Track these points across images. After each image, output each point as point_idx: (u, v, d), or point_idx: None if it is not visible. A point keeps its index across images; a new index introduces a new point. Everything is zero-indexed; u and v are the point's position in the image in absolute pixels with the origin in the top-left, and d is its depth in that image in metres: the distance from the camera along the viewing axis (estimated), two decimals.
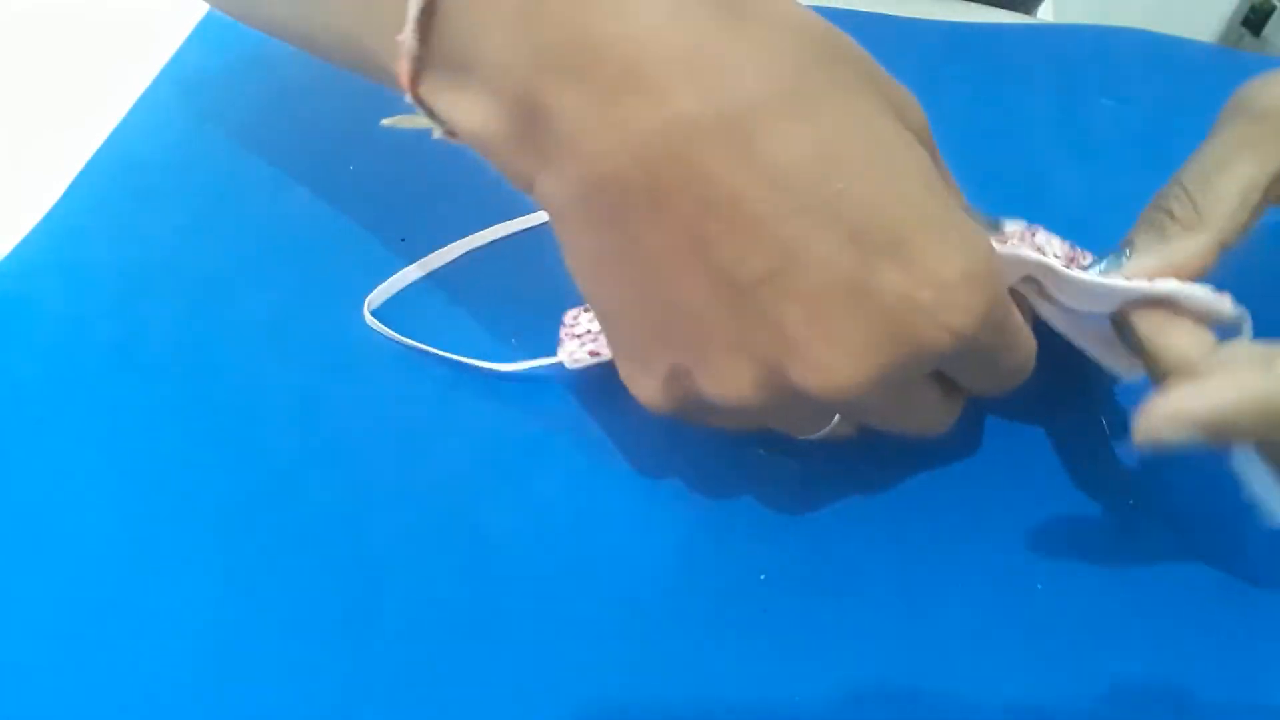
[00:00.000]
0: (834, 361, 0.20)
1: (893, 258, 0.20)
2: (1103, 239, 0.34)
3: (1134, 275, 0.24)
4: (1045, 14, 0.70)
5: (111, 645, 0.24)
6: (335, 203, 0.36)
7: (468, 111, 0.23)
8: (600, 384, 0.30)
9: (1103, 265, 0.25)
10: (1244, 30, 1.21)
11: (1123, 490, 0.28)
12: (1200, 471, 0.28)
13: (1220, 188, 0.24)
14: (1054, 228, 0.30)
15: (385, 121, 0.25)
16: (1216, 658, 0.25)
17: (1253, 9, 1.18)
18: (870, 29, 0.47)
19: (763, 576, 0.26)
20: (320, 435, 0.29)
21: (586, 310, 0.29)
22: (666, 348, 0.23)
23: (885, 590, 0.26)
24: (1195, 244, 0.24)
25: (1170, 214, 0.25)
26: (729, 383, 0.22)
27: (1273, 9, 1.17)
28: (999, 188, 0.34)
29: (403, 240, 0.35)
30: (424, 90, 0.23)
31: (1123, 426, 0.29)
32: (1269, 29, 1.19)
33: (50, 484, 0.27)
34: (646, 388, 0.24)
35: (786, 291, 0.20)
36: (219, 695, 0.23)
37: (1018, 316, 0.23)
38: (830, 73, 0.20)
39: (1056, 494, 0.28)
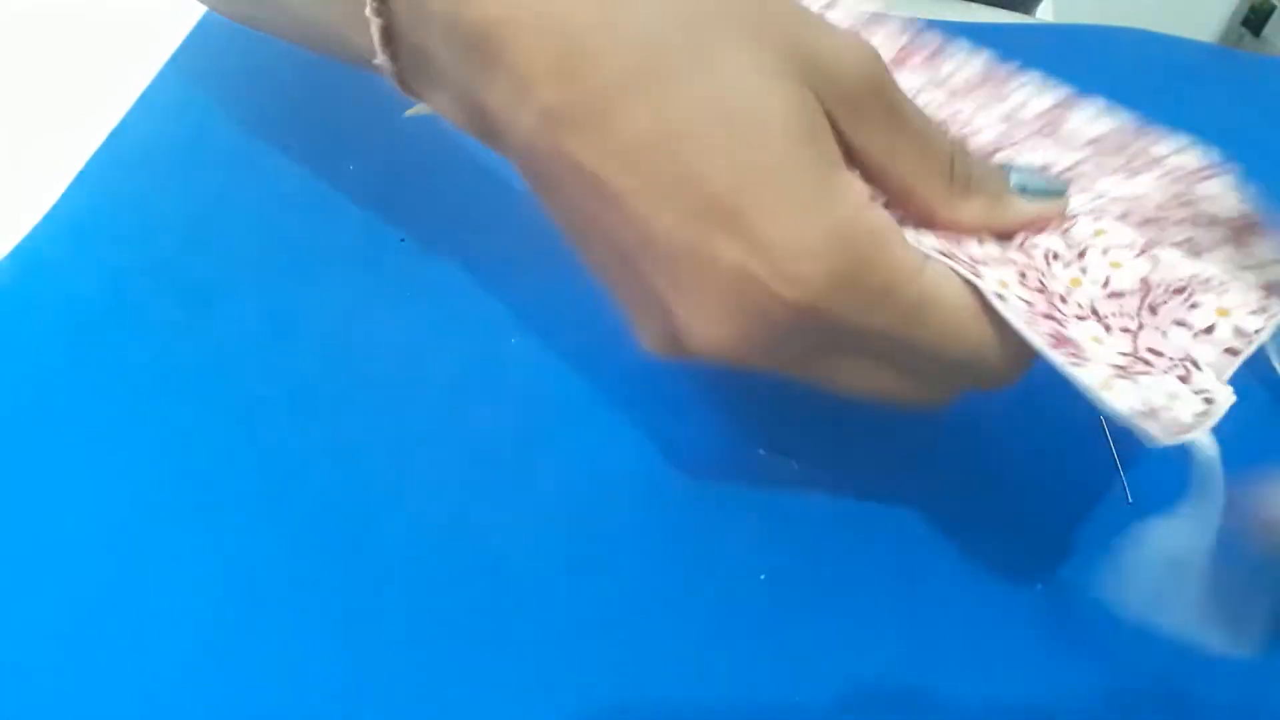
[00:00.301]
0: (698, 327, 0.22)
1: (733, 230, 0.20)
2: None
3: None
4: (1045, 14, 0.70)
5: (110, 644, 0.24)
6: (335, 202, 0.36)
7: (444, 109, 0.25)
8: (601, 382, 0.31)
9: None
10: (1244, 30, 1.21)
11: (1122, 490, 0.28)
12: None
13: None
14: None
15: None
16: (1216, 658, 0.25)
17: (1253, 9, 1.18)
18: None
19: (763, 576, 0.26)
20: (320, 434, 0.29)
21: None
22: (614, 302, 0.25)
23: (885, 590, 0.26)
24: None
25: None
26: (647, 340, 0.24)
27: (1273, 9, 1.17)
28: None
29: (402, 240, 0.35)
30: (414, 90, 0.25)
31: (1123, 427, 0.29)
32: (1269, 29, 1.19)
33: (50, 483, 0.27)
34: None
35: (652, 263, 0.22)
36: (218, 694, 0.23)
37: (926, 294, 0.21)
38: (696, 40, 0.21)
39: (1056, 494, 0.28)
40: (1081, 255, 0.23)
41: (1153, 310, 0.22)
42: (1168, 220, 0.23)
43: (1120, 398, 0.20)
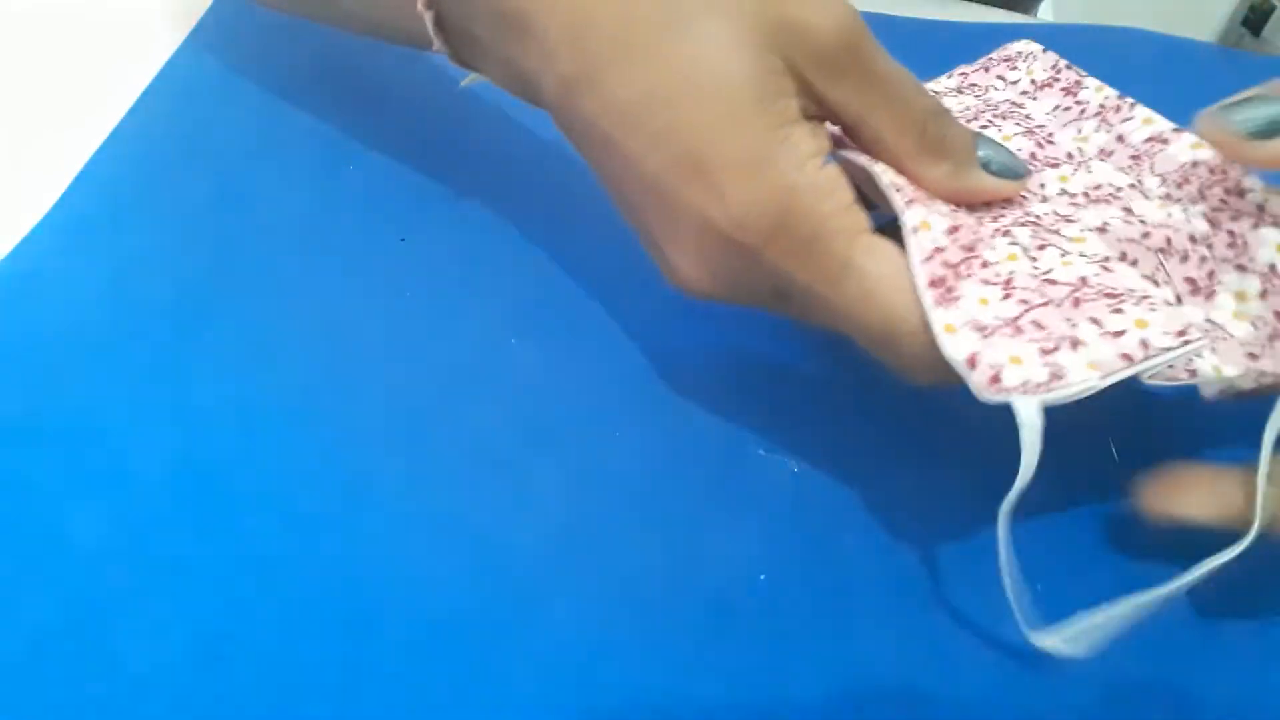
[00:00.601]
0: (680, 266, 0.25)
1: (699, 180, 0.23)
2: None
3: None
4: (1045, 14, 0.70)
5: (110, 643, 0.24)
6: (335, 202, 0.36)
7: (492, 78, 0.29)
8: (600, 382, 0.31)
9: (1260, 106, 0.23)
10: (1244, 30, 1.21)
11: (1122, 490, 0.28)
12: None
13: None
14: None
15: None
16: (1216, 658, 0.25)
17: (1252, 9, 1.18)
18: (870, 29, 0.48)
19: (762, 577, 0.26)
20: (319, 434, 0.29)
21: None
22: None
23: (885, 590, 0.26)
24: None
25: None
26: (664, 277, 0.27)
27: (1273, 9, 1.17)
28: None
29: (402, 240, 0.35)
30: (466, 64, 0.30)
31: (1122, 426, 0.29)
32: (1269, 29, 1.19)
33: (50, 483, 0.27)
34: None
35: (649, 208, 0.25)
36: (216, 694, 0.23)
37: (853, 258, 0.23)
38: (677, 11, 0.24)
39: (1056, 494, 0.28)
40: (1042, 248, 0.24)
41: (1076, 304, 0.23)
42: (1170, 252, 0.24)
43: (953, 343, 0.22)
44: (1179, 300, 0.23)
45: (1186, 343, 0.21)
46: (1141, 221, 0.25)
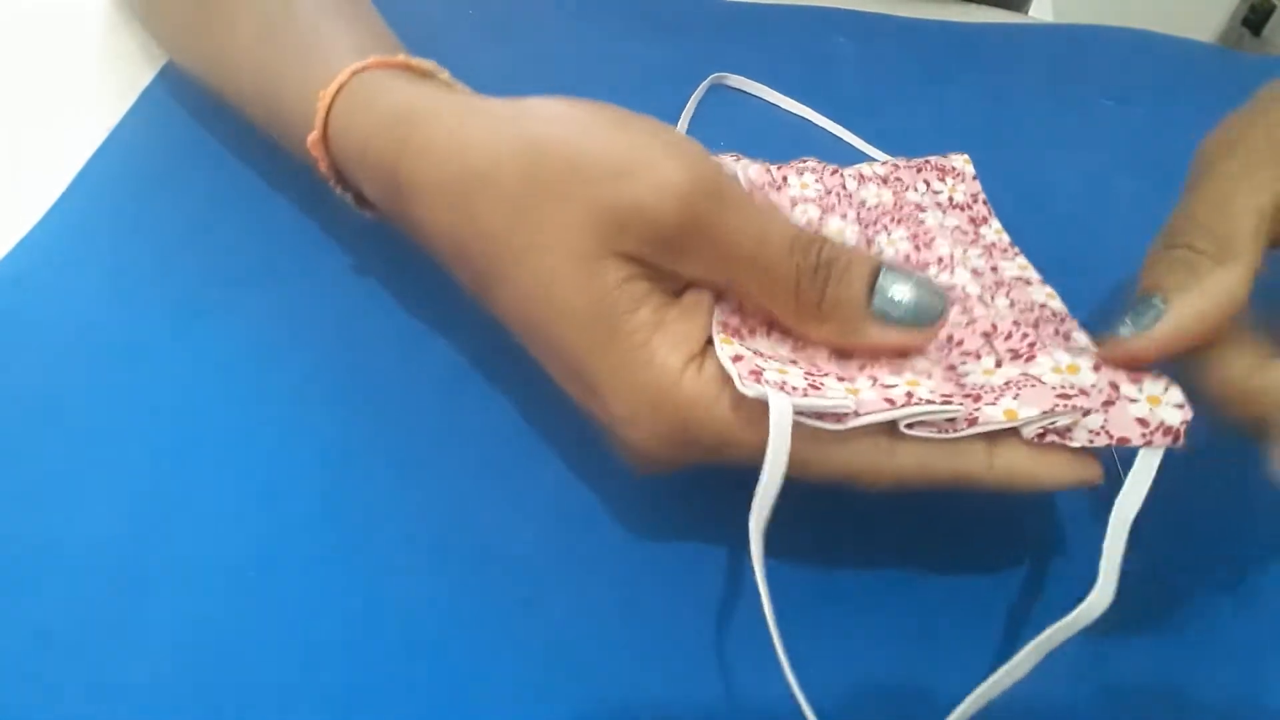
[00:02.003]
0: (622, 451, 0.24)
1: (591, 397, 0.24)
2: (1101, 238, 0.34)
3: (1184, 324, 0.23)
4: (1044, 14, 0.70)
5: (113, 642, 0.24)
6: (334, 201, 0.36)
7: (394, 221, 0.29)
8: None
9: (1134, 320, 0.24)
10: (1244, 30, 1.21)
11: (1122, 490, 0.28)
12: (1200, 471, 0.28)
13: (1237, 212, 0.24)
14: (1054, 227, 0.30)
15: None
16: (1217, 658, 0.25)
17: (1252, 9, 1.18)
18: (870, 29, 0.48)
19: None
20: (319, 434, 0.29)
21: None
22: None
23: (884, 590, 0.26)
24: (1234, 275, 0.23)
25: (1193, 248, 0.24)
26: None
27: (1273, 9, 1.18)
28: (999, 188, 0.34)
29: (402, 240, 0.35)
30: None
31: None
32: (1269, 29, 1.19)
33: (50, 483, 0.27)
34: None
35: (576, 402, 0.25)
36: (217, 693, 0.23)
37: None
38: (522, 230, 0.23)
39: (1056, 495, 0.28)
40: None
41: (861, 368, 0.24)
42: (995, 335, 0.26)
43: (725, 348, 0.23)
44: (998, 365, 0.25)
45: (948, 403, 0.22)
46: (969, 313, 0.27)
